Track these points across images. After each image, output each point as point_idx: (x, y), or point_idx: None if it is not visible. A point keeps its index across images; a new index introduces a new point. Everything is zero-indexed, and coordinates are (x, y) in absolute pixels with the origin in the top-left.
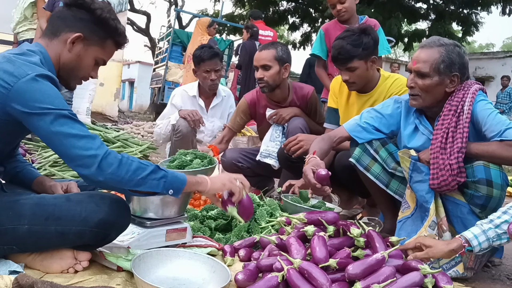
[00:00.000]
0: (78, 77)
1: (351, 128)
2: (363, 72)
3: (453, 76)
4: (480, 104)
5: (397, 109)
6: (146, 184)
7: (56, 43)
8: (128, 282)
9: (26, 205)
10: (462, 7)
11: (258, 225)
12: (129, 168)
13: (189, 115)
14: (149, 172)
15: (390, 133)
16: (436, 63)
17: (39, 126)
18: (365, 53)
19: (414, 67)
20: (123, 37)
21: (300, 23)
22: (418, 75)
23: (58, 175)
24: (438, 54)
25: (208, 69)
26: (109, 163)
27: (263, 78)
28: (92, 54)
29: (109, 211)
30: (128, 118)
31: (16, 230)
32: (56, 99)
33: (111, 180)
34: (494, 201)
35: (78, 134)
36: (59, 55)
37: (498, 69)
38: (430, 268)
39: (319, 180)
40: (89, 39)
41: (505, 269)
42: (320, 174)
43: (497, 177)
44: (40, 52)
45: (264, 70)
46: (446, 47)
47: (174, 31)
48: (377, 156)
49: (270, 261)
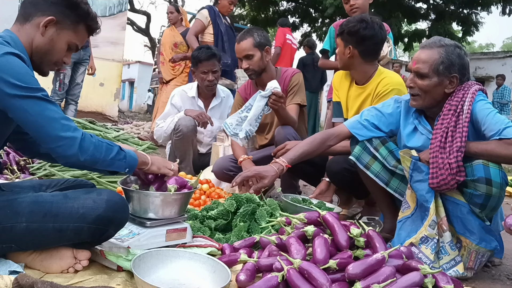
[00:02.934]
0: (51, 62)
1: (351, 125)
2: (340, 53)
3: (452, 77)
4: (479, 104)
5: (397, 108)
6: (114, 165)
7: (28, 27)
8: (128, 282)
9: (24, 203)
10: (462, 7)
11: (258, 225)
12: (101, 149)
13: (198, 117)
14: (116, 153)
15: (389, 132)
16: (435, 64)
17: (15, 106)
18: (348, 38)
19: (414, 68)
20: (95, 22)
21: (300, 23)
22: (418, 75)
23: (58, 175)
24: (438, 55)
25: (205, 70)
26: (87, 144)
27: (248, 67)
28: (64, 38)
29: (107, 207)
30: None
31: (14, 228)
32: (28, 76)
33: (90, 161)
34: (494, 200)
35: (55, 116)
36: (32, 40)
37: (498, 69)
38: (430, 268)
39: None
40: (61, 23)
41: (505, 269)
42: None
43: (496, 176)
44: (9, 37)
45: (247, 59)
46: (446, 48)
47: None
48: (377, 154)
49: (270, 261)
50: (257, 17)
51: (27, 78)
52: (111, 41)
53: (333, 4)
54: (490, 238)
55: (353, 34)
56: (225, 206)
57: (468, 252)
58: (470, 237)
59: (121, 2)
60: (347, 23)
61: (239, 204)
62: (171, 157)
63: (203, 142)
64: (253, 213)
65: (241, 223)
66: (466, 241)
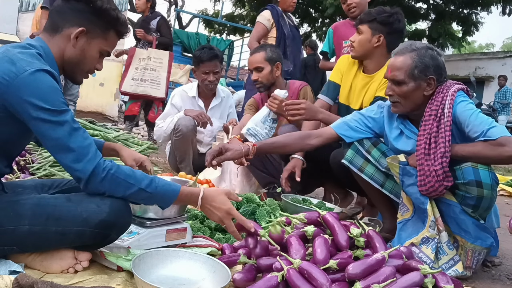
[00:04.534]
0: (84, 71)
1: (337, 127)
2: (364, 40)
3: (429, 79)
4: (460, 105)
5: (380, 113)
6: (131, 199)
7: (58, 39)
8: (128, 282)
9: (26, 205)
10: (462, 7)
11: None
12: (112, 184)
13: (198, 117)
14: (132, 193)
15: (374, 135)
16: (409, 69)
17: (37, 127)
18: (379, 27)
19: (390, 76)
20: (125, 27)
21: (300, 23)
22: (394, 83)
23: (58, 175)
24: (411, 60)
25: (207, 70)
26: (95, 177)
27: (257, 79)
28: (96, 47)
29: (110, 212)
30: None
31: (17, 230)
32: (54, 97)
33: (99, 192)
34: (486, 201)
35: (71, 146)
36: (63, 51)
37: (498, 69)
38: (430, 268)
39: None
40: (92, 32)
41: (505, 269)
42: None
43: (486, 178)
44: (40, 47)
45: (257, 71)
46: (418, 52)
47: (174, 31)
48: (369, 156)
49: (269, 261)
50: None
51: (53, 99)
52: None
53: (333, 4)
54: (485, 236)
55: (386, 24)
56: None
57: (465, 251)
58: (465, 236)
59: (121, 2)
60: (379, 12)
61: (239, 204)
62: (171, 157)
63: (203, 142)
64: (253, 213)
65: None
66: (462, 240)
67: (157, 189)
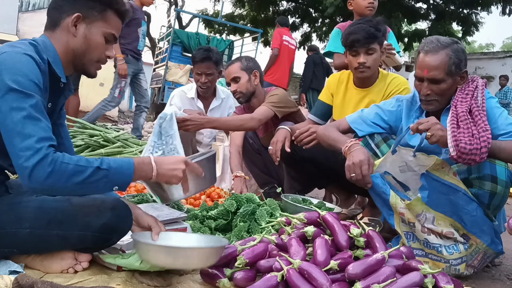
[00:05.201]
0: (94, 61)
1: (352, 120)
2: (377, 58)
3: (463, 73)
4: (491, 101)
5: (398, 106)
6: (86, 189)
7: (59, 33)
8: (128, 282)
9: (28, 208)
10: (462, 7)
11: (258, 225)
12: (62, 175)
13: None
14: (88, 176)
15: (388, 129)
16: (448, 66)
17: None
18: (382, 40)
19: (428, 76)
20: (122, 4)
21: (300, 23)
22: (433, 82)
23: None
24: (448, 57)
25: (199, 71)
26: (39, 175)
27: (236, 90)
28: (98, 32)
29: (111, 216)
30: (128, 118)
31: (18, 233)
32: (26, 80)
33: (45, 191)
34: (498, 198)
35: (21, 131)
36: (67, 44)
37: (498, 69)
38: (429, 268)
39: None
40: (89, 16)
41: (505, 269)
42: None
43: (502, 174)
44: (41, 41)
45: (235, 82)
46: (451, 48)
47: (174, 31)
48: (377, 151)
49: (269, 262)
50: (257, 17)
51: (24, 82)
52: None
53: (333, 3)
54: (498, 241)
55: (383, 34)
56: (225, 206)
57: (475, 251)
58: (482, 237)
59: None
60: (376, 25)
61: (239, 204)
62: None
63: (202, 142)
64: (253, 213)
65: (241, 223)
66: (476, 240)
67: (110, 164)
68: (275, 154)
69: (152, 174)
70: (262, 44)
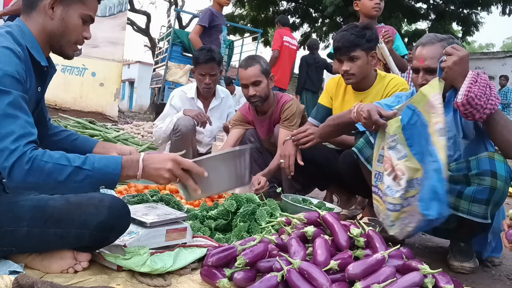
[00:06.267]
0: (71, 43)
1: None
2: (363, 64)
3: None
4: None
5: (397, 102)
6: (70, 187)
7: (35, 15)
8: (128, 282)
9: (25, 207)
10: (462, 7)
11: (258, 225)
12: (41, 174)
13: (197, 117)
14: (68, 175)
15: None
16: (441, 56)
17: None
18: (368, 45)
19: (423, 65)
20: None
21: (300, 23)
22: (427, 71)
23: None
24: (442, 48)
25: (203, 72)
26: (17, 173)
27: (255, 94)
28: (75, 13)
29: (109, 214)
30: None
31: (15, 232)
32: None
33: (29, 188)
34: (498, 194)
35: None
36: (43, 26)
37: (498, 69)
38: (428, 269)
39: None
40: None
41: (505, 269)
42: None
43: (501, 169)
44: (16, 26)
45: (255, 86)
46: (447, 41)
47: (174, 31)
48: None
49: (269, 263)
50: (257, 17)
51: (3, 78)
52: (111, 41)
53: (333, 3)
54: (441, 209)
55: (371, 40)
56: (225, 206)
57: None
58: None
59: (121, 2)
60: (359, 32)
61: (239, 204)
62: None
63: (202, 142)
64: (253, 213)
65: (241, 223)
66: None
67: (94, 164)
68: (288, 168)
69: (137, 173)
70: (262, 44)
